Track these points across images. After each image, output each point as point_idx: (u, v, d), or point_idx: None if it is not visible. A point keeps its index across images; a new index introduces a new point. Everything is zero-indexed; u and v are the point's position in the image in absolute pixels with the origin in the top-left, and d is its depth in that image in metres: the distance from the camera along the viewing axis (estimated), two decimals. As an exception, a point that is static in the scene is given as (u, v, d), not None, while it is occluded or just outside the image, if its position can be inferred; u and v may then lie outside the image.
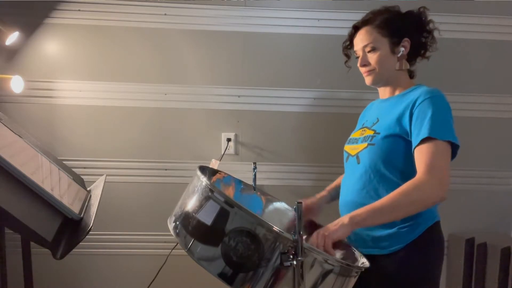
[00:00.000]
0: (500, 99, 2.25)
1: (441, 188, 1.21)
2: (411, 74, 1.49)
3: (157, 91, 2.17)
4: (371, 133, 1.38)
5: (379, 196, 1.31)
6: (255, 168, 1.71)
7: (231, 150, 2.20)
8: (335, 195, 1.59)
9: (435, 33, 1.45)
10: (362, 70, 1.44)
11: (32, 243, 1.58)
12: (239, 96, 2.19)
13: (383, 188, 1.32)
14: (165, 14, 2.13)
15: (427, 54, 1.47)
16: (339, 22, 1.37)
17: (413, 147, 1.27)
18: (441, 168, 1.21)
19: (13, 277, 1.59)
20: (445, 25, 2.13)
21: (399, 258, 1.32)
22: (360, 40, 1.42)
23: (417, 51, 1.45)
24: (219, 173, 1.60)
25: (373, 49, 1.39)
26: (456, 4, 2.17)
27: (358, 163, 1.38)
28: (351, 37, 1.47)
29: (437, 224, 1.37)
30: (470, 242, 2.11)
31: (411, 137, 1.29)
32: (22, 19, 2.05)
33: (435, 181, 1.21)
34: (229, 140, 2.19)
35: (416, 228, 1.31)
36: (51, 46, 2.12)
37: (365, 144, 1.36)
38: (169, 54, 2.15)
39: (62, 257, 1.16)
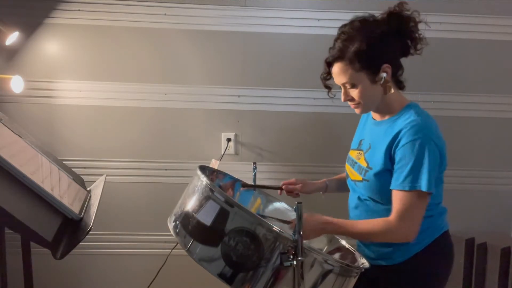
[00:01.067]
0: (500, 99, 2.24)
1: (410, 236, 1.25)
2: (400, 85, 1.36)
3: (157, 91, 2.16)
4: (364, 165, 1.35)
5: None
6: (255, 168, 1.71)
7: (231, 150, 2.20)
8: (331, 187, 1.64)
9: (422, 25, 1.29)
10: (349, 103, 1.35)
11: (32, 243, 1.58)
12: (239, 96, 2.19)
13: (387, 213, 1.31)
14: (165, 14, 2.13)
15: (418, 47, 1.31)
16: (339, 22, 1.34)
17: (391, 186, 1.26)
18: (413, 219, 1.24)
19: (13, 277, 1.59)
20: (445, 25, 2.15)
21: (405, 268, 1.32)
22: (337, 77, 1.31)
23: (401, 62, 1.33)
24: (219, 173, 1.60)
25: (353, 86, 1.29)
26: (456, 4, 2.16)
27: (358, 188, 1.39)
28: (328, 70, 1.35)
29: (444, 234, 1.37)
30: (470, 242, 2.10)
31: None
32: (22, 19, 2.04)
33: (406, 231, 1.25)
34: (229, 140, 2.19)
35: (422, 241, 1.31)
36: (51, 46, 2.12)
37: (360, 178, 1.35)
38: (169, 54, 2.15)
39: (62, 257, 1.16)
